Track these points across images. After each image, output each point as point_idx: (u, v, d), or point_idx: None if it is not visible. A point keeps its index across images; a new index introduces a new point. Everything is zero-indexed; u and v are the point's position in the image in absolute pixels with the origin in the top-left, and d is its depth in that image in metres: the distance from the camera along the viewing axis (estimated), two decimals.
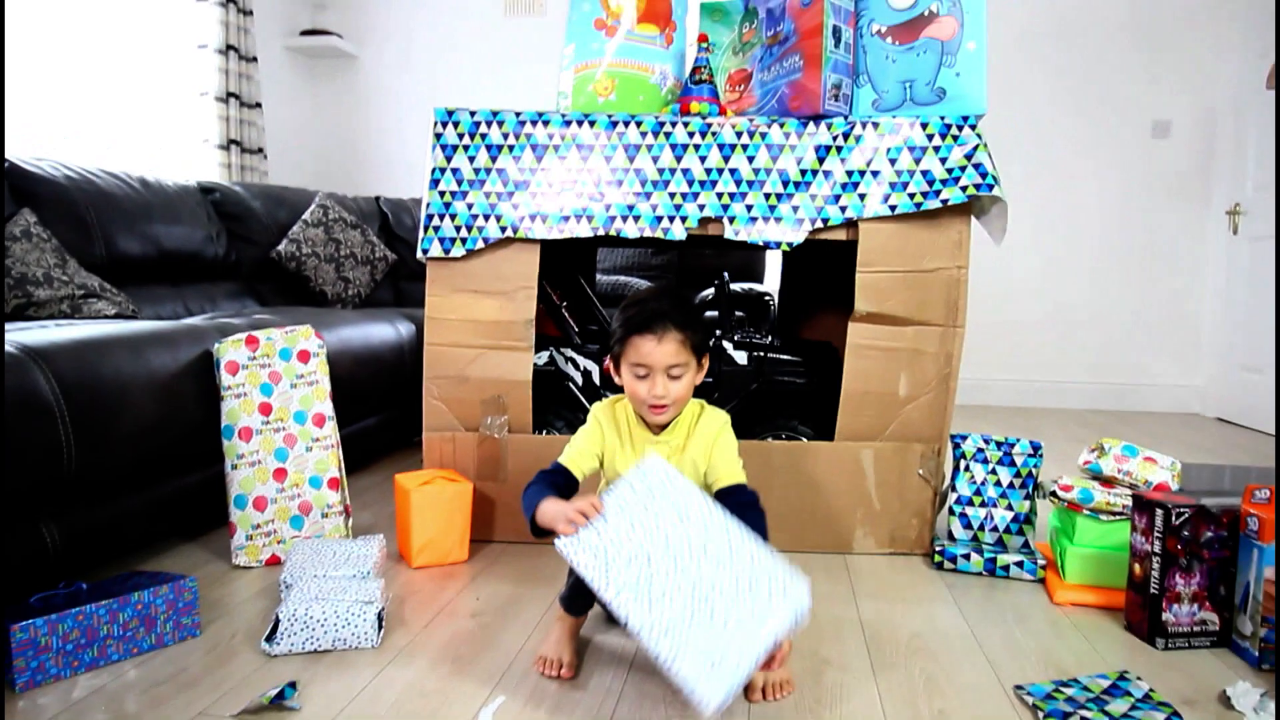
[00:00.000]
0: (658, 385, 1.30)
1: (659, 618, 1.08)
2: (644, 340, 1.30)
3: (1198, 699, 1.23)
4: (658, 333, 1.29)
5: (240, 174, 3.53)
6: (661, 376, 1.30)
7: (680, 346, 1.30)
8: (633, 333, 1.31)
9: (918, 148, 1.72)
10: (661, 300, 1.34)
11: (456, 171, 1.77)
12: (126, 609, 1.29)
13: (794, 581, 1.11)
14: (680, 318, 1.31)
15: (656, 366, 1.30)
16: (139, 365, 1.60)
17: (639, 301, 1.36)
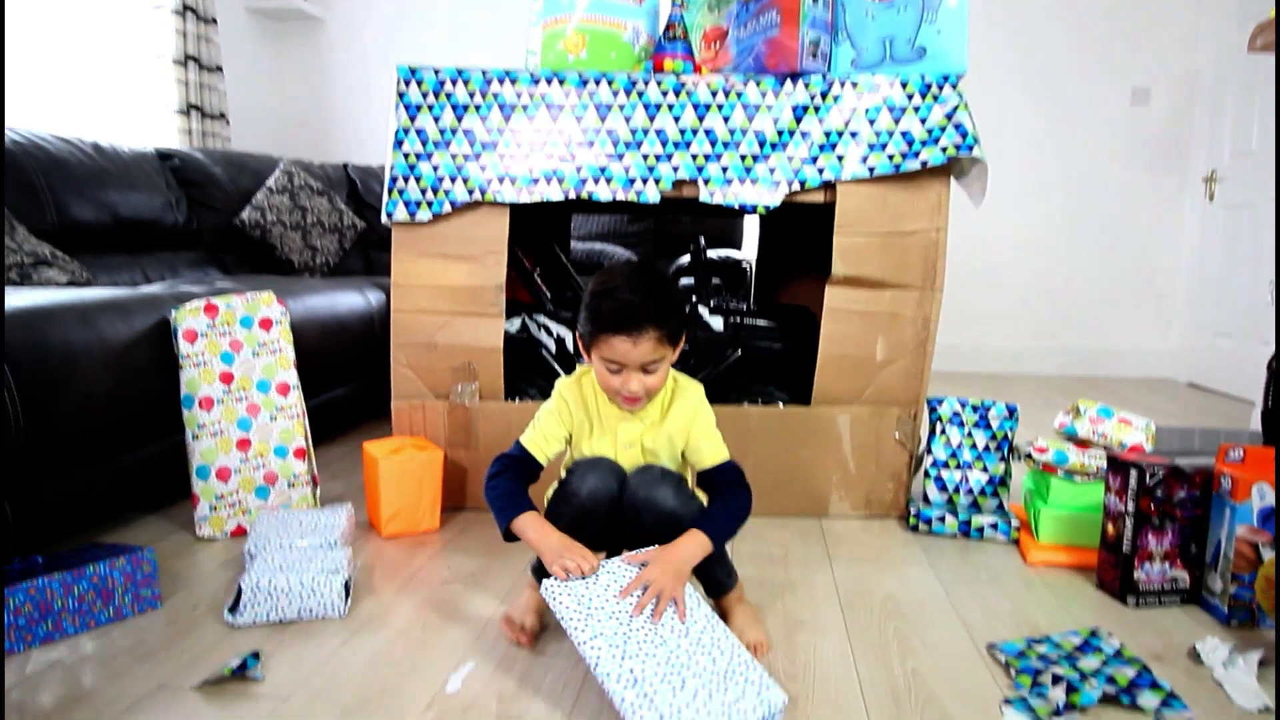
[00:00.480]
0: (632, 381, 1.21)
1: (628, 670, 1.01)
2: (618, 340, 1.18)
3: (1167, 654, 1.24)
4: (634, 333, 1.18)
5: (202, 140, 3.42)
6: (636, 373, 1.21)
7: (657, 344, 1.20)
8: (604, 330, 1.20)
9: (897, 107, 1.68)
10: (636, 291, 1.20)
11: (421, 132, 1.72)
12: (82, 581, 1.25)
13: (771, 687, 1.04)
14: (658, 312, 1.19)
15: (631, 364, 1.21)
16: (90, 334, 1.54)
17: (609, 291, 1.21)
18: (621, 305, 1.19)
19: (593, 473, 1.25)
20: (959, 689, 1.13)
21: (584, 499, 1.23)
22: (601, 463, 1.27)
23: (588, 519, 1.24)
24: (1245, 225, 3.46)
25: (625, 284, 1.22)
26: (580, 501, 1.24)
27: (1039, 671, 1.15)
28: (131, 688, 1.10)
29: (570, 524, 1.24)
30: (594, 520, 1.24)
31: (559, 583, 1.12)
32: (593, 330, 1.22)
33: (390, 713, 1.05)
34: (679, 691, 1.00)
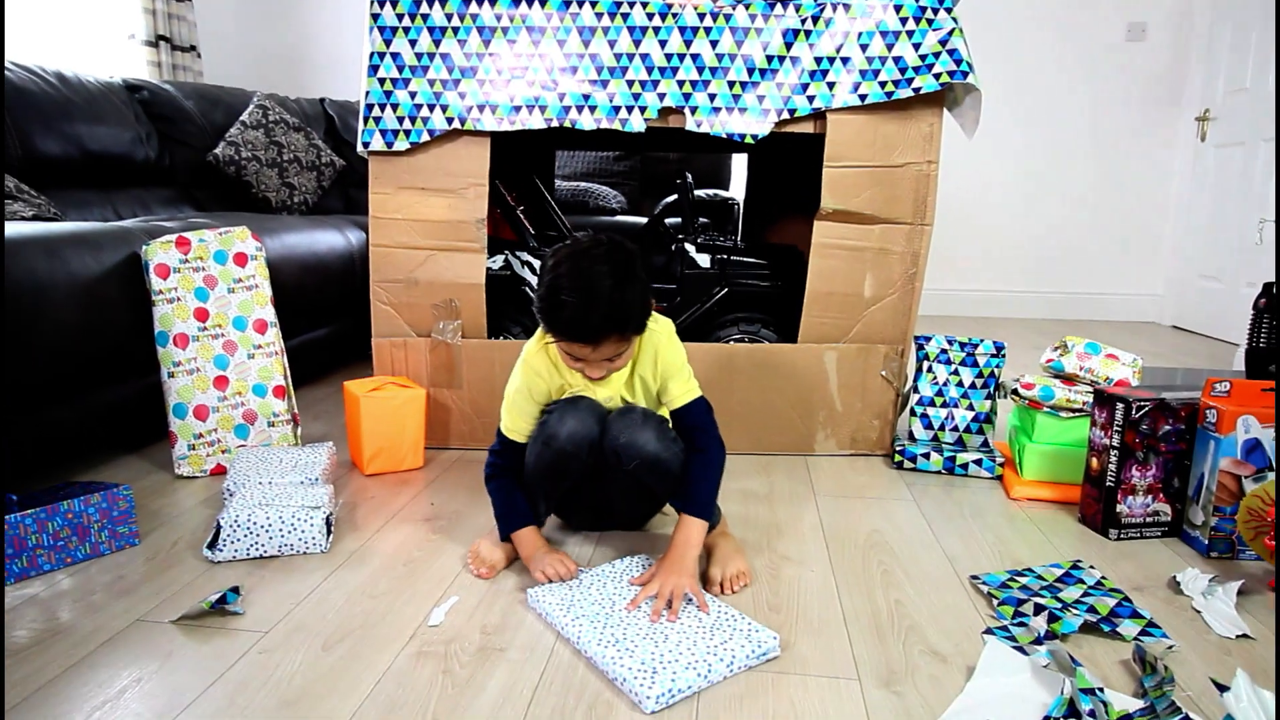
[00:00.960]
0: (595, 370, 1.18)
1: (610, 635, 1.03)
2: (576, 347, 1.15)
3: (1148, 585, 1.25)
4: (594, 343, 1.13)
5: (172, 73, 3.29)
6: (600, 362, 1.18)
7: (618, 341, 1.15)
8: (561, 338, 1.15)
9: (890, 32, 1.62)
10: (592, 301, 1.10)
11: (397, 56, 1.64)
12: (56, 518, 1.23)
13: (760, 630, 1.05)
14: (615, 318, 1.11)
15: (593, 361, 1.17)
16: (57, 267, 1.49)
17: (562, 304, 1.11)
18: (580, 316, 1.11)
19: (572, 414, 1.22)
20: (942, 619, 1.13)
21: (563, 442, 1.20)
22: (581, 402, 1.24)
23: (569, 462, 1.22)
24: (1236, 165, 3.43)
25: (584, 285, 1.11)
26: (560, 445, 1.20)
27: (1021, 601, 1.15)
28: (110, 622, 1.09)
29: (550, 466, 1.23)
30: (575, 463, 1.22)
31: (544, 590, 1.15)
32: (553, 332, 1.16)
33: (372, 645, 1.04)
34: (660, 644, 1.01)
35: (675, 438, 1.25)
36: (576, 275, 1.12)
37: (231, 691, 0.94)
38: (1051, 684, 0.94)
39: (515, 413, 1.28)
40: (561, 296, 1.11)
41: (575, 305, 1.10)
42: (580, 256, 1.14)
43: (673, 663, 0.97)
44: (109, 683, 0.95)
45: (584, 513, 1.38)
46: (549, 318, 1.14)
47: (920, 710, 0.93)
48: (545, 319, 1.15)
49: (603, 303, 1.11)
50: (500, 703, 0.93)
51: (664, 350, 1.26)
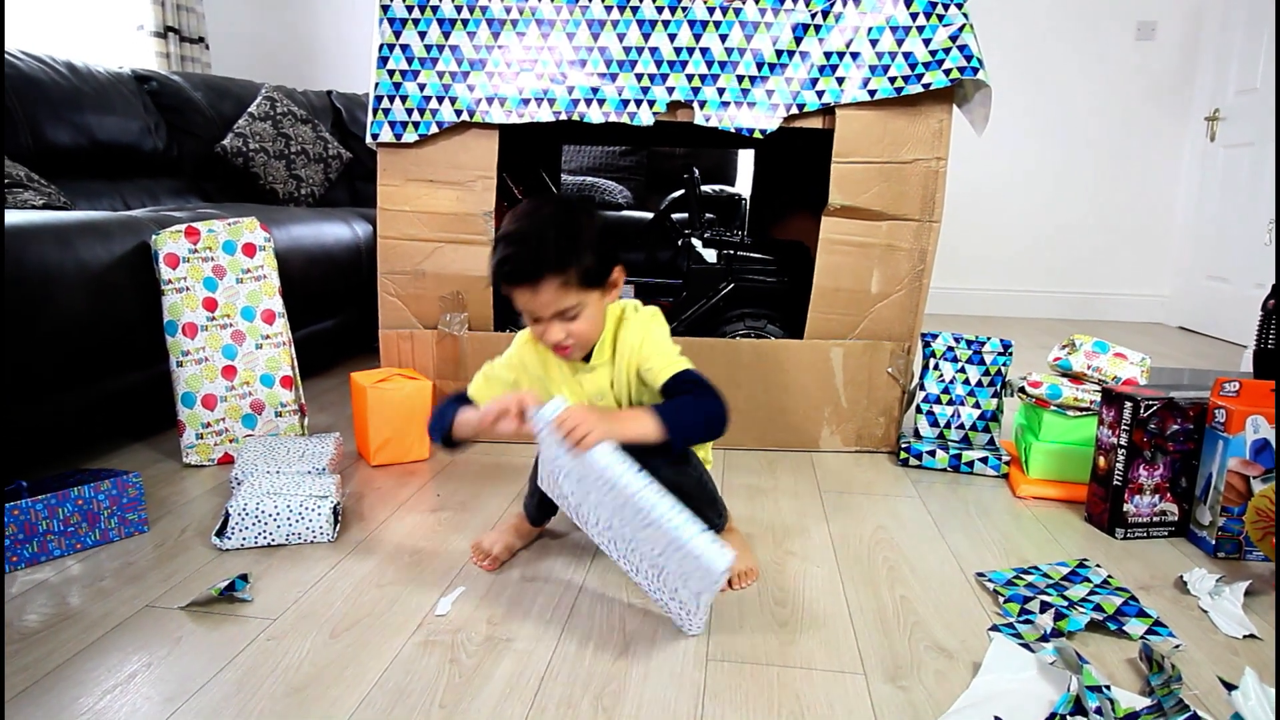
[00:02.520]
0: (552, 330, 1.12)
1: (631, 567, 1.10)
2: (516, 291, 1.11)
3: (1154, 584, 1.25)
4: (530, 283, 1.08)
5: (180, 64, 3.30)
6: (554, 322, 1.12)
7: (562, 289, 1.08)
8: (500, 282, 1.11)
9: (900, 28, 1.62)
10: (528, 238, 1.08)
11: (406, 48, 1.65)
12: (66, 504, 1.23)
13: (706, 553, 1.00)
14: (556, 256, 1.07)
15: (542, 314, 1.11)
16: (67, 256, 1.50)
17: (502, 240, 1.11)
18: (510, 255, 1.09)
19: None
20: (947, 616, 1.13)
21: None
22: None
23: None
24: (1245, 166, 3.42)
25: (518, 230, 1.10)
26: None
27: (1027, 599, 1.15)
28: (119, 607, 1.09)
29: None
30: None
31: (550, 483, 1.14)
32: (492, 282, 1.13)
33: (379, 633, 1.05)
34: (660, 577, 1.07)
35: (686, 457, 1.20)
36: (515, 221, 1.12)
37: (240, 677, 0.94)
38: (1058, 681, 0.94)
39: (485, 376, 1.27)
40: (504, 236, 1.11)
41: (509, 245, 1.09)
42: (523, 209, 1.15)
43: None
44: (119, 667, 0.96)
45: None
46: (494, 272, 1.12)
47: (926, 705, 0.93)
48: (492, 275, 1.13)
49: (534, 239, 1.08)
50: (507, 692, 0.93)
51: (647, 331, 1.20)
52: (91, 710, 0.88)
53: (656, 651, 1.02)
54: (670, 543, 1.01)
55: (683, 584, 1.03)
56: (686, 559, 1.00)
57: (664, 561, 1.04)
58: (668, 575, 1.05)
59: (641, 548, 1.06)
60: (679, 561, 1.01)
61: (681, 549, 1.00)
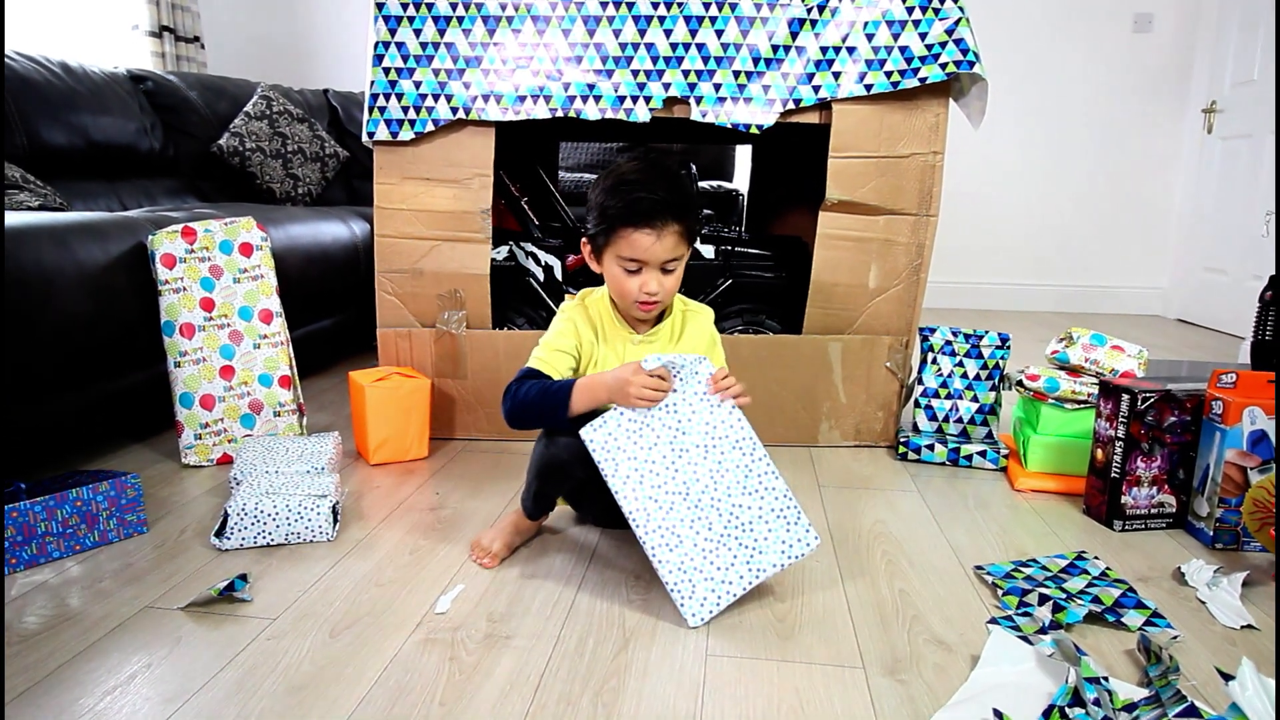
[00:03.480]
0: (651, 281, 1.16)
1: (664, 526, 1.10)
2: (640, 234, 1.13)
3: (1152, 576, 1.25)
4: (657, 227, 1.12)
5: (176, 64, 3.29)
6: (656, 272, 1.16)
7: (679, 239, 1.15)
8: (625, 224, 1.13)
9: (896, 22, 1.62)
10: (657, 185, 1.14)
11: (402, 46, 1.64)
12: (65, 506, 1.23)
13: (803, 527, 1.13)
14: (680, 205, 1.14)
15: (652, 262, 1.15)
16: (64, 256, 1.50)
17: (629, 184, 1.14)
18: (644, 198, 1.12)
19: None
20: (946, 608, 1.14)
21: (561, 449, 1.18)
22: None
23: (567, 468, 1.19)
24: (1243, 157, 3.42)
25: (645, 177, 1.15)
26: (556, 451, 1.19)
27: (1025, 591, 1.16)
28: (119, 608, 1.09)
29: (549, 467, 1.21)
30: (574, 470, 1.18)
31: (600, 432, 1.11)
32: (612, 225, 1.15)
33: (379, 632, 1.05)
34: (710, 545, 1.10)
35: None
36: (642, 168, 1.16)
37: (240, 677, 0.94)
38: (1056, 673, 0.95)
39: (548, 346, 1.23)
40: (627, 180, 1.14)
41: (644, 186, 1.13)
42: (628, 163, 1.18)
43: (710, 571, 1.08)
44: (119, 668, 0.96)
45: (594, 507, 1.38)
46: (613, 205, 1.14)
47: (925, 698, 0.93)
48: (608, 208, 1.15)
49: (668, 187, 1.14)
50: (507, 689, 0.93)
51: (715, 334, 1.30)
52: (92, 711, 0.88)
53: (656, 647, 1.02)
54: (772, 508, 1.11)
55: (754, 555, 1.09)
56: (781, 527, 1.10)
57: (743, 531, 1.09)
58: (733, 545, 1.09)
59: (723, 512, 1.11)
60: (766, 531, 1.09)
61: (782, 515, 1.11)
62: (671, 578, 1.08)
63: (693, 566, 1.09)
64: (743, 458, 1.13)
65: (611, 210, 1.15)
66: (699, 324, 1.29)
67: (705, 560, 1.09)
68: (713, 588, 1.08)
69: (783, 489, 1.13)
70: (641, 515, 1.10)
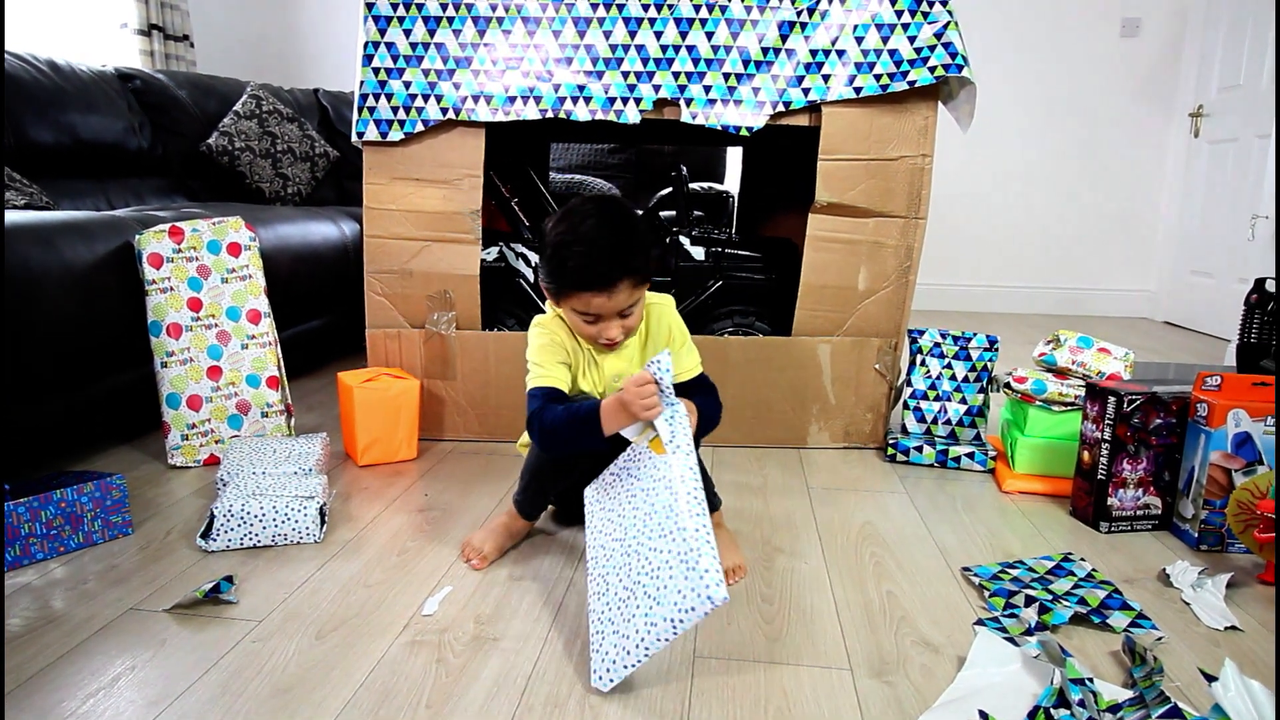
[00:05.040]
0: (610, 329, 1.16)
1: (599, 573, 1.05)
2: (592, 296, 1.12)
3: (1138, 577, 1.26)
4: (606, 288, 1.11)
5: (165, 62, 3.27)
6: (613, 319, 1.16)
7: (632, 288, 1.14)
8: (574, 289, 1.13)
9: (885, 25, 1.62)
10: (600, 243, 1.10)
11: (392, 46, 1.64)
12: (49, 507, 1.22)
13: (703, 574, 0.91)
14: (629, 260, 1.11)
15: (608, 315, 1.15)
16: (50, 256, 1.48)
17: (572, 244, 1.11)
18: (590, 262, 1.10)
19: None
20: (933, 610, 1.14)
21: None
22: None
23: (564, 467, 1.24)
24: (1229, 162, 3.44)
25: (589, 233, 1.12)
26: None
27: (1012, 593, 1.16)
28: (103, 610, 1.08)
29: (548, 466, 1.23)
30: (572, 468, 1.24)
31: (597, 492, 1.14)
32: (561, 288, 1.14)
33: (366, 634, 1.04)
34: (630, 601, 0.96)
35: None
36: (579, 224, 1.13)
37: (225, 679, 0.94)
38: (1041, 674, 0.95)
39: (546, 365, 1.20)
40: (571, 237, 1.11)
41: (583, 252, 1.10)
42: (576, 212, 1.15)
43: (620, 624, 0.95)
44: (102, 670, 0.95)
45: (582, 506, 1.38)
46: (558, 273, 1.13)
47: (911, 699, 0.94)
48: (554, 277, 1.14)
49: (607, 244, 1.11)
50: (494, 691, 0.93)
51: (676, 323, 1.28)
52: (74, 714, 0.87)
53: None
54: (675, 551, 0.94)
55: (653, 606, 0.92)
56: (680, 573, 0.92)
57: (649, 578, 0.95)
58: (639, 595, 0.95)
59: (642, 557, 0.99)
60: (667, 579, 0.93)
61: (684, 559, 0.93)
62: (592, 629, 0.99)
63: (607, 618, 0.98)
64: (669, 495, 1.01)
65: (560, 272, 1.13)
66: (660, 317, 1.27)
67: (617, 611, 0.97)
68: (616, 643, 0.94)
69: (694, 527, 0.94)
70: (590, 564, 1.08)
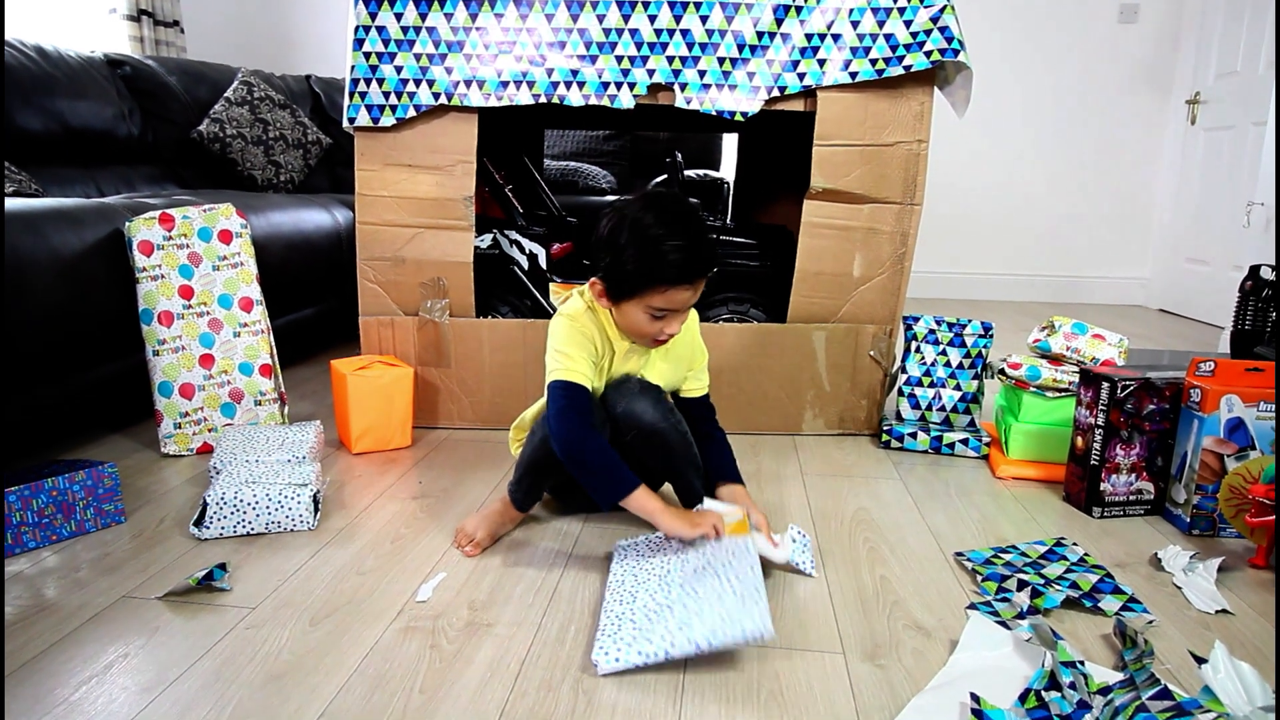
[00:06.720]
0: (674, 324, 1.16)
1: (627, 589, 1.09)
2: (678, 291, 1.12)
3: (1129, 561, 1.26)
4: (696, 284, 1.13)
5: (154, 48, 3.24)
6: (680, 315, 1.17)
7: (703, 286, 1.17)
8: (667, 283, 1.11)
9: (881, 9, 1.61)
10: (692, 236, 1.11)
11: (383, 30, 1.62)
12: (40, 495, 1.22)
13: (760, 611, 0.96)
14: (713, 256, 1.15)
15: (682, 310, 1.16)
16: (38, 244, 1.47)
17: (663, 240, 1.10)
18: (691, 257, 1.11)
19: None
20: (926, 594, 1.14)
21: None
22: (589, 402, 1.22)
23: None
24: (1225, 149, 3.44)
25: (677, 228, 1.11)
26: None
27: (1005, 577, 1.17)
28: (95, 598, 1.08)
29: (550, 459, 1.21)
30: None
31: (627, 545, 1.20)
32: (648, 284, 1.12)
33: (359, 620, 1.04)
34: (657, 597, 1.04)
35: (672, 408, 1.25)
36: (673, 218, 1.12)
37: (218, 666, 0.94)
38: (1033, 657, 0.95)
39: (575, 360, 1.18)
40: (667, 242, 1.10)
41: (684, 245, 1.10)
42: (655, 206, 1.14)
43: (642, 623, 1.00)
44: (95, 658, 0.95)
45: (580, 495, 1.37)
46: (654, 267, 1.11)
47: (904, 683, 0.94)
48: (648, 271, 1.11)
49: (704, 237, 1.13)
50: (487, 677, 0.93)
51: (699, 341, 1.32)
52: (67, 701, 0.87)
53: None
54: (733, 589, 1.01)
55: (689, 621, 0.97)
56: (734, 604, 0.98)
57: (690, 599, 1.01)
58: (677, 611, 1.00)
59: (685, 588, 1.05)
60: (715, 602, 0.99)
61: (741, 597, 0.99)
62: (604, 619, 1.02)
63: (629, 617, 1.02)
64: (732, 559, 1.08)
65: (649, 268, 1.11)
66: (688, 331, 1.29)
67: (643, 615, 1.01)
68: (635, 635, 0.97)
69: (753, 581, 1.01)
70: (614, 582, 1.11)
